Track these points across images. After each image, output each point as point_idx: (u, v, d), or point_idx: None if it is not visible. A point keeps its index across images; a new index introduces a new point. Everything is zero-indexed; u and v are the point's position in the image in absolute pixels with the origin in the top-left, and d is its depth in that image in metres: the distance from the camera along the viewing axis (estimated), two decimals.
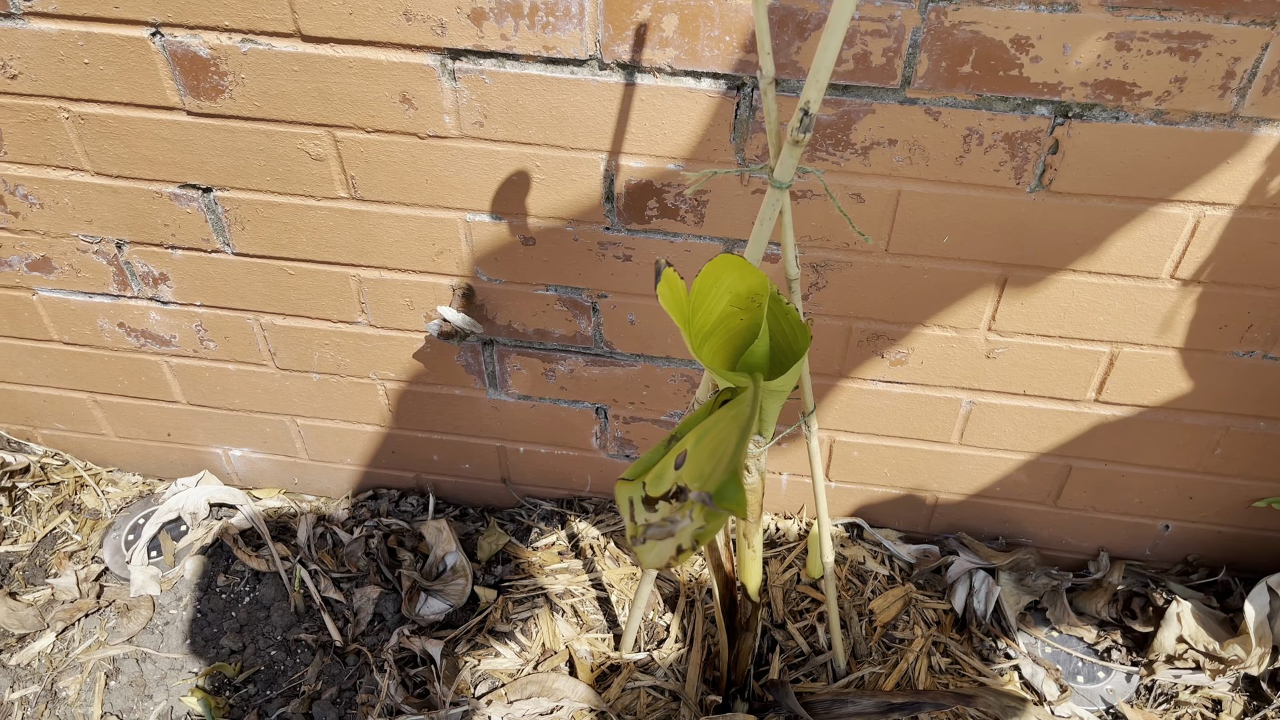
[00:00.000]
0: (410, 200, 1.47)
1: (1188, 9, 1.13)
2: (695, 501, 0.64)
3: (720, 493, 0.61)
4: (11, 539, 1.92)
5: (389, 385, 1.77)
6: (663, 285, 0.85)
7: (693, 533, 0.63)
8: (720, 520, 0.62)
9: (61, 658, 1.73)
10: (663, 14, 1.22)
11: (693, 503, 0.64)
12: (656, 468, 0.75)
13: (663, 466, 0.75)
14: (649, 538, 0.65)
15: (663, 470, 0.74)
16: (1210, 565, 1.82)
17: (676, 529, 0.64)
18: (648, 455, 0.79)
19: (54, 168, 1.52)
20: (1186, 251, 1.36)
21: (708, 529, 0.62)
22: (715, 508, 0.61)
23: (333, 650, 1.73)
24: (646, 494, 0.73)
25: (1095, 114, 1.23)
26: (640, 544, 0.66)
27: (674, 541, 0.64)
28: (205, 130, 1.43)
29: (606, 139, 1.35)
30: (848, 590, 1.79)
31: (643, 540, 0.65)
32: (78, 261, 1.65)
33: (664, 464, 0.75)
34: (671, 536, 0.64)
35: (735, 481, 0.62)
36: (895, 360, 1.57)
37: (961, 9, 1.16)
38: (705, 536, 0.63)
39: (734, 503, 0.61)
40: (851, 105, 1.27)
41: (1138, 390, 1.54)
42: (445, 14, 1.25)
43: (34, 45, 1.36)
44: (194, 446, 1.98)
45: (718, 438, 0.71)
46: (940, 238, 1.39)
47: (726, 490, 0.61)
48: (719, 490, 0.61)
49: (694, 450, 0.74)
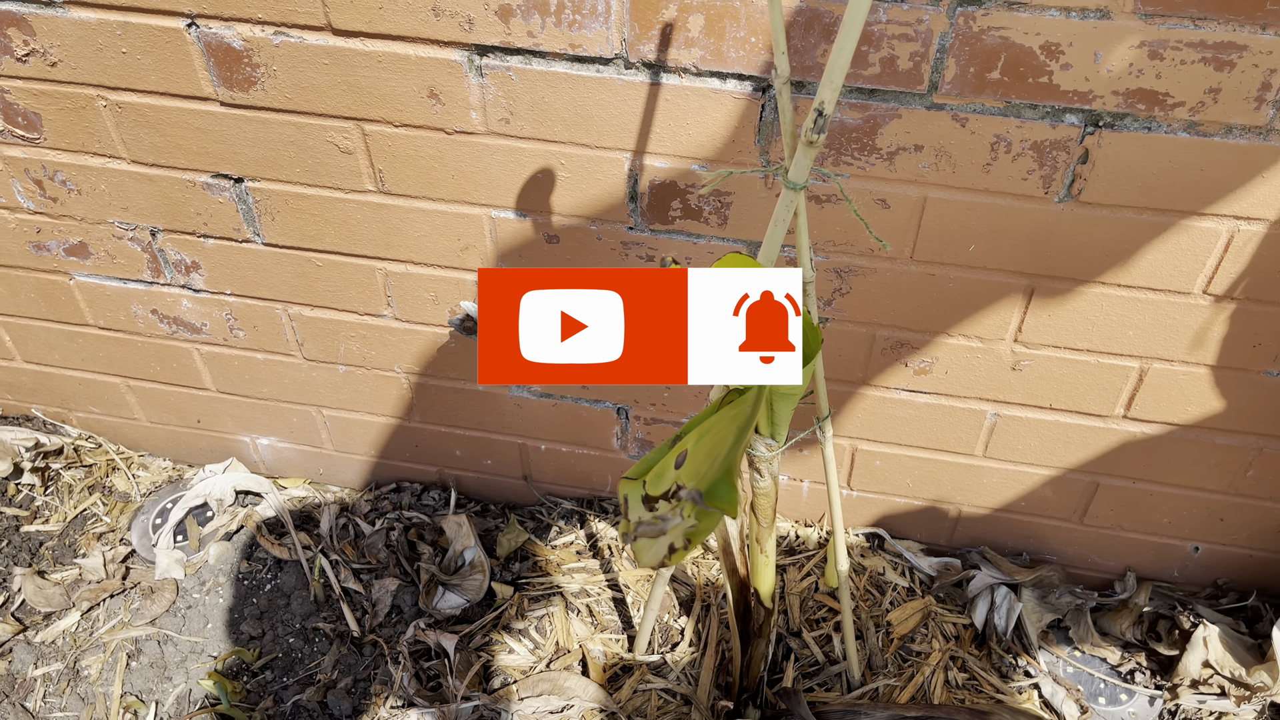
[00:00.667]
0: (436, 195, 1.48)
1: (1223, 18, 1.10)
2: (686, 500, 0.63)
3: (711, 491, 0.61)
4: (43, 518, 1.96)
5: (413, 379, 1.78)
6: None
7: (684, 531, 0.63)
8: (713, 520, 0.62)
9: (85, 637, 1.76)
10: (689, 14, 1.21)
11: (684, 501, 0.64)
12: (657, 467, 0.75)
13: (663, 466, 0.74)
14: (640, 535, 0.65)
15: (663, 469, 0.74)
16: (1240, 589, 1.78)
17: (668, 527, 0.63)
18: (652, 454, 0.78)
19: (92, 155, 1.55)
20: (1220, 267, 1.33)
21: (699, 528, 0.62)
22: (706, 506, 0.61)
23: (350, 640, 1.74)
24: (646, 493, 0.73)
25: (1127, 124, 1.21)
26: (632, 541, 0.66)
27: (666, 540, 0.63)
28: (237, 121, 1.45)
29: (631, 138, 1.35)
30: (866, 601, 1.77)
31: (634, 538, 0.65)
32: (113, 248, 1.68)
33: (664, 463, 0.75)
34: (664, 535, 0.64)
35: (727, 481, 0.61)
36: (919, 369, 1.55)
37: (991, 14, 1.15)
38: (697, 536, 0.62)
39: (725, 502, 0.60)
40: (877, 110, 1.26)
41: (1168, 407, 1.51)
42: (473, 10, 1.26)
43: (73, 33, 1.39)
44: (222, 434, 2.01)
45: (716, 437, 0.71)
46: (966, 246, 1.38)
47: (718, 489, 0.61)
48: (710, 489, 0.61)
49: (694, 450, 0.74)
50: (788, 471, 1.80)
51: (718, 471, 0.62)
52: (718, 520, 0.63)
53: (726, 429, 0.71)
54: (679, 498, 0.64)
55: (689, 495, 0.63)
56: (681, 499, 0.64)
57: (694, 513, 0.62)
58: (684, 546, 0.63)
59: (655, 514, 0.65)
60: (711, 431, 0.74)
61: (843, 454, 1.73)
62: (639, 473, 0.74)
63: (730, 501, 0.60)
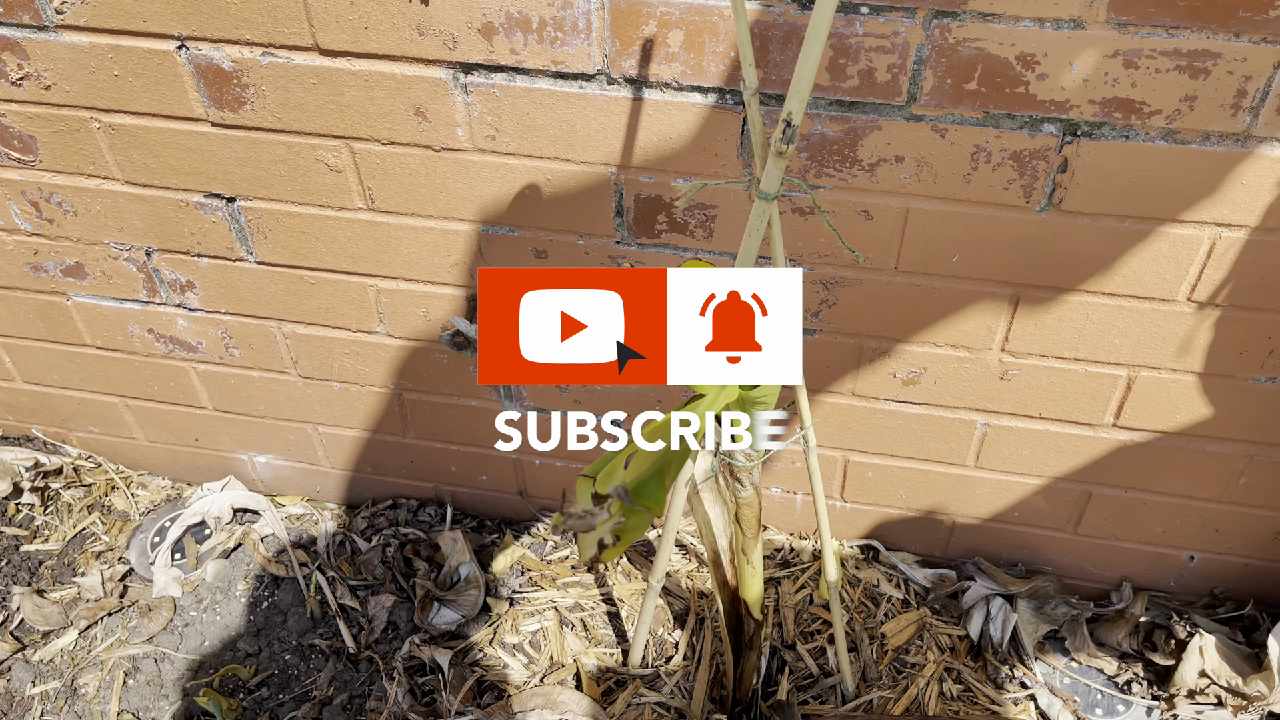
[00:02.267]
0: (425, 211, 1.49)
1: (1196, 26, 1.11)
2: (614, 497, 0.64)
3: (638, 489, 0.62)
4: (43, 538, 1.98)
5: (407, 395, 1.79)
6: None
7: (611, 527, 0.64)
8: (640, 518, 0.63)
9: (83, 655, 1.76)
10: (668, 30, 1.23)
11: (612, 498, 0.65)
12: (609, 465, 0.76)
13: (614, 465, 0.75)
14: (569, 528, 0.66)
15: (614, 469, 0.75)
16: (1237, 598, 1.77)
17: (596, 522, 0.64)
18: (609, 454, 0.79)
19: (86, 176, 1.57)
20: (1203, 274, 1.33)
21: (627, 525, 0.63)
22: (631, 503, 0.62)
23: (346, 656, 1.75)
24: (595, 490, 0.74)
25: (1104, 132, 1.22)
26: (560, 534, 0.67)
27: (595, 535, 0.64)
28: (228, 141, 1.47)
29: (616, 153, 1.37)
30: (860, 613, 1.77)
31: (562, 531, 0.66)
32: (109, 268, 1.70)
33: (615, 463, 0.76)
34: (593, 530, 0.64)
35: (657, 480, 0.62)
36: (908, 379, 1.56)
37: (966, 26, 1.16)
38: (626, 532, 0.63)
39: (651, 500, 0.61)
40: (857, 122, 1.27)
41: (1157, 415, 1.51)
42: (457, 28, 1.28)
43: (66, 57, 1.41)
44: (220, 452, 2.02)
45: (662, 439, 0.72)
46: (950, 256, 1.38)
47: (645, 487, 0.62)
48: (636, 487, 0.62)
49: (641, 452, 0.74)
50: (780, 484, 1.80)
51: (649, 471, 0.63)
52: (646, 519, 0.64)
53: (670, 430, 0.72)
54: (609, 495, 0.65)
55: (616, 492, 0.64)
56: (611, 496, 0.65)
57: (621, 509, 0.63)
58: (613, 543, 0.64)
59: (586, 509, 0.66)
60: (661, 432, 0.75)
61: (835, 465, 1.73)
62: (593, 471, 0.75)
63: (656, 500, 0.61)
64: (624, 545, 0.68)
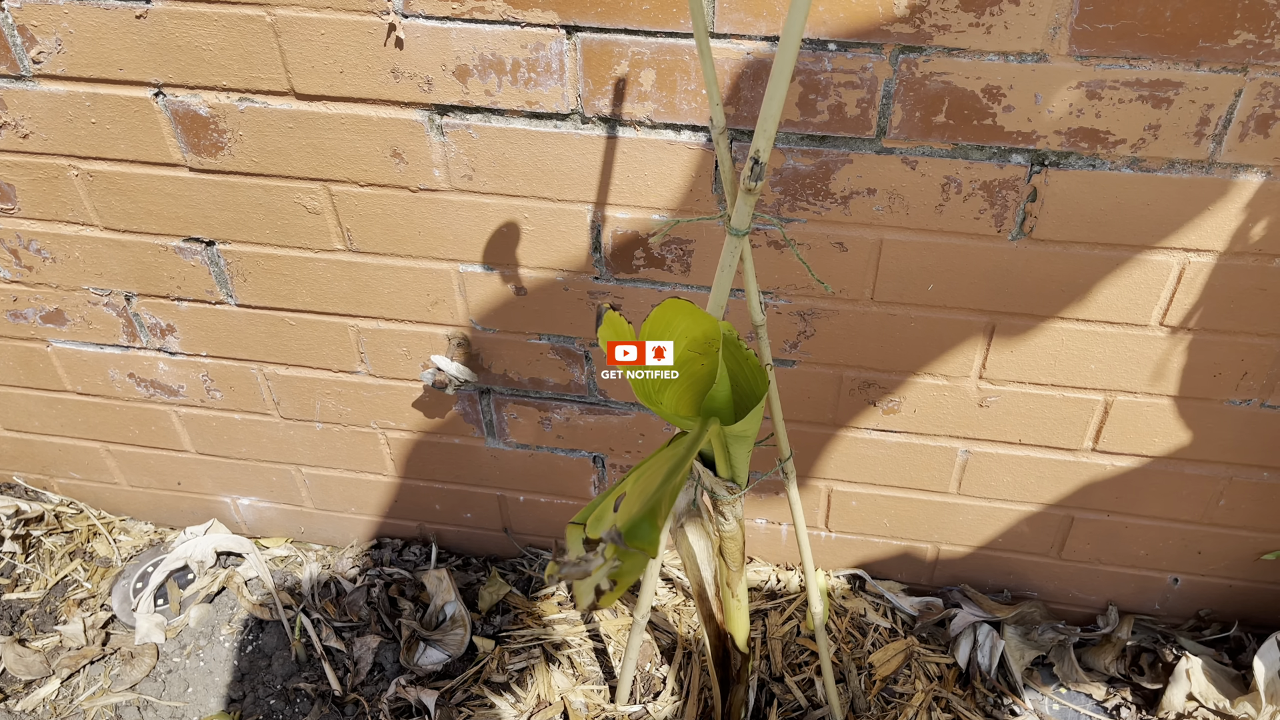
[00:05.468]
0: (404, 252, 1.50)
1: (1157, 56, 1.14)
2: (608, 541, 0.64)
3: (631, 531, 0.62)
4: (24, 586, 1.96)
5: (390, 434, 1.79)
6: (604, 328, 0.86)
7: (607, 572, 0.63)
8: (636, 560, 0.63)
9: (65, 704, 1.74)
10: (640, 69, 1.24)
11: (606, 542, 0.65)
12: (598, 510, 0.76)
13: (603, 509, 0.75)
14: (564, 577, 0.66)
15: (603, 513, 0.75)
16: (1223, 620, 1.77)
17: (591, 568, 0.64)
18: (597, 499, 0.79)
19: (65, 223, 1.58)
20: (1174, 299, 1.35)
21: (622, 568, 0.63)
22: (625, 546, 0.62)
23: (331, 699, 1.73)
24: (586, 536, 0.73)
25: (1071, 162, 1.24)
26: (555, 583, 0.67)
27: (591, 581, 0.64)
28: (207, 186, 1.48)
29: (592, 190, 1.38)
30: (848, 643, 1.76)
31: (558, 580, 0.65)
32: (89, 313, 1.70)
33: (604, 506, 0.76)
34: (588, 576, 0.64)
35: (650, 520, 0.62)
36: (888, 409, 1.57)
37: (932, 60, 1.18)
38: (622, 576, 0.63)
39: (645, 542, 0.61)
40: (829, 155, 1.29)
41: (1135, 439, 1.52)
42: (431, 71, 1.29)
43: (44, 106, 1.42)
44: (203, 495, 2.01)
45: (650, 478, 0.72)
46: (925, 286, 1.40)
47: (639, 529, 0.62)
48: (630, 529, 0.62)
49: (630, 492, 0.75)
50: (764, 515, 1.80)
51: (640, 511, 0.63)
52: (642, 561, 0.64)
53: (660, 468, 0.72)
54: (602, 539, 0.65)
55: (609, 535, 0.64)
56: (604, 540, 0.65)
57: (615, 553, 0.63)
58: (610, 589, 0.64)
59: (580, 556, 0.65)
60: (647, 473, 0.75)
61: (819, 495, 1.74)
62: (583, 517, 0.75)
63: (651, 542, 0.61)
64: (621, 589, 0.67)
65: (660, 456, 0.79)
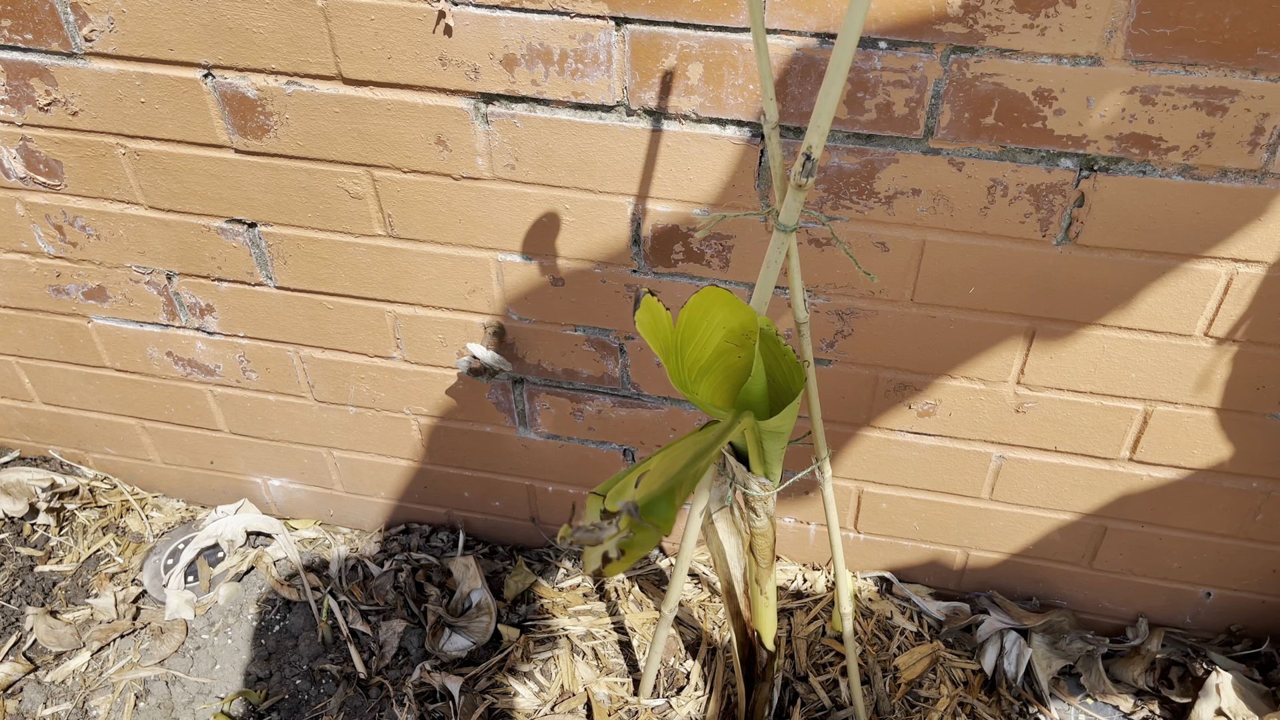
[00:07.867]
0: (444, 239, 1.51)
1: (1213, 64, 1.12)
2: (623, 511, 0.65)
3: (648, 507, 0.62)
4: (57, 559, 1.98)
5: (422, 420, 1.80)
6: (642, 313, 0.86)
7: (618, 541, 0.64)
8: (648, 534, 0.63)
9: (95, 677, 1.77)
10: (688, 62, 1.24)
11: (621, 513, 0.65)
12: (620, 484, 0.77)
13: (624, 484, 0.76)
14: (576, 540, 0.66)
15: (624, 487, 0.76)
16: (1254, 636, 1.75)
17: (603, 536, 0.65)
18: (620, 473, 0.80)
19: (111, 201, 1.59)
20: (1220, 309, 1.33)
21: (634, 540, 0.63)
22: (639, 520, 0.62)
23: (356, 682, 1.75)
24: (604, 508, 0.74)
25: (1121, 168, 1.22)
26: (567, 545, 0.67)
27: (600, 548, 0.65)
28: (251, 168, 1.49)
29: (634, 183, 1.38)
30: (873, 645, 1.76)
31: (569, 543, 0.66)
32: (130, 291, 1.72)
33: (626, 481, 0.77)
34: (600, 543, 0.65)
35: (667, 498, 0.63)
36: (923, 411, 1.56)
37: (984, 61, 1.17)
38: (633, 548, 0.63)
39: (660, 518, 0.62)
40: (875, 155, 1.28)
41: (1173, 450, 1.51)
42: (479, 59, 1.29)
43: (94, 84, 1.44)
44: (235, 475, 2.03)
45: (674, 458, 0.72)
46: (966, 288, 1.39)
47: (655, 505, 0.62)
48: (647, 504, 0.62)
49: (653, 470, 0.75)
50: (794, 514, 1.80)
51: (660, 489, 0.63)
52: (653, 536, 0.64)
53: (685, 451, 0.72)
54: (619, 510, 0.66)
55: (626, 507, 0.64)
56: (621, 511, 0.65)
57: (629, 525, 0.64)
58: (618, 557, 0.64)
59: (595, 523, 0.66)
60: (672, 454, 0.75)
61: (849, 496, 1.73)
62: (605, 488, 0.76)
63: (665, 519, 0.62)
64: (629, 560, 0.68)
65: (688, 440, 0.79)
